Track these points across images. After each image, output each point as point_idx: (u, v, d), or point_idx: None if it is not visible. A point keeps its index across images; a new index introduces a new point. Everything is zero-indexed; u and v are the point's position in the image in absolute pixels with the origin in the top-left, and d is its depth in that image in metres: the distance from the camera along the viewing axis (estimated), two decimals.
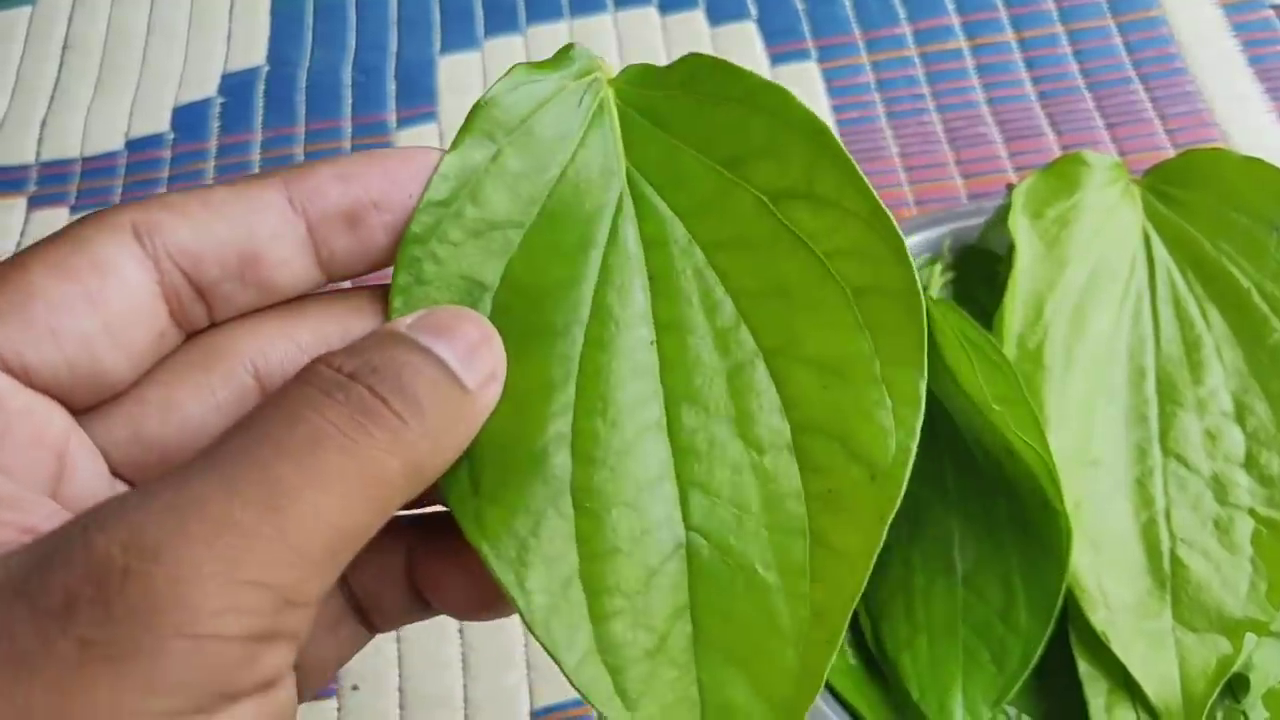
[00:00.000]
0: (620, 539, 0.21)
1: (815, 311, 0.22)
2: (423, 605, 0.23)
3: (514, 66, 0.24)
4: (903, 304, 0.22)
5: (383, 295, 0.23)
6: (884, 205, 0.22)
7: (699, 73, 0.24)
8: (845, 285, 0.22)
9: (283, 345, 0.22)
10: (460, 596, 0.23)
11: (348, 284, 0.24)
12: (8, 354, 0.19)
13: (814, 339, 0.22)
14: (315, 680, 0.23)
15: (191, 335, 0.22)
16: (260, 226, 0.21)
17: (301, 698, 0.23)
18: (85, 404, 0.21)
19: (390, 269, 0.23)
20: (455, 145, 0.23)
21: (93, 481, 0.21)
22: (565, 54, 0.24)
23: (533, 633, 0.21)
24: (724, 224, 0.23)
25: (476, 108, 0.23)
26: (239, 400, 0.21)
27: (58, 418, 0.20)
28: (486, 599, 0.22)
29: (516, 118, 0.23)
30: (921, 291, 0.22)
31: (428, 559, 0.23)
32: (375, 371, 0.19)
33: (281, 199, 0.22)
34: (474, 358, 0.20)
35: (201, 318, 0.22)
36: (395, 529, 0.23)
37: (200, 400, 0.21)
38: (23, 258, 0.20)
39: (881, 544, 0.21)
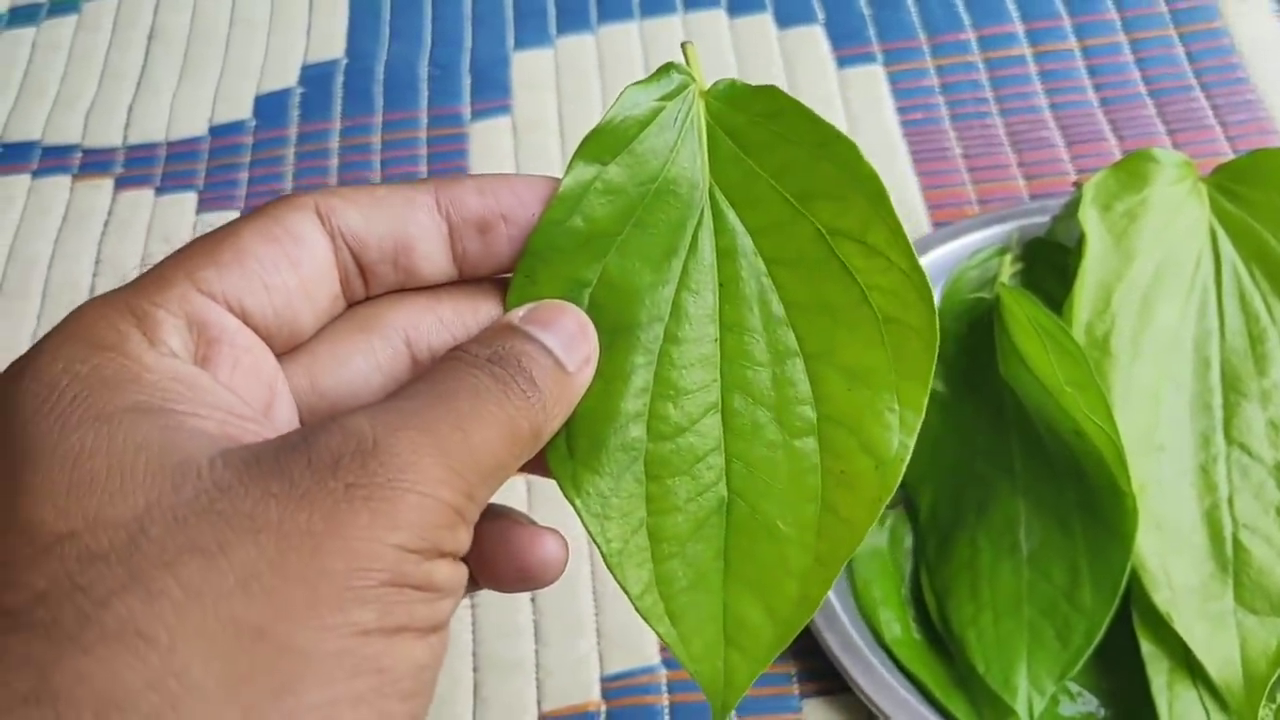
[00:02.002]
0: (679, 500, 0.27)
1: (851, 329, 0.27)
2: (470, 583, 0.27)
3: (625, 90, 0.27)
4: (922, 338, 0.26)
5: (504, 285, 0.27)
6: (921, 264, 0.26)
7: (783, 112, 0.27)
8: (878, 313, 0.26)
9: (428, 318, 0.26)
10: (503, 570, 0.27)
11: None
12: (232, 299, 0.24)
13: (847, 350, 0.27)
14: None
15: (350, 306, 0.26)
16: (413, 222, 0.26)
17: None
18: (281, 350, 0.25)
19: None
20: (570, 169, 0.27)
21: (289, 421, 0.24)
22: (665, 71, 0.28)
23: (609, 570, 0.26)
24: (787, 245, 0.27)
25: (590, 135, 0.27)
26: (394, 360, 0.26)
27: (269, 358, 0.24)
28: (524, 572, 0.27)
29: (622, 140, 0.27)
30: (938, 331, 0.26)
31: (479, 539, 0.27)
32: (502, 358, 0.24)
33: (431, 201, 0.26)
34: (573, 345, 0.25)
35: (359, 291, 0.26)
36: None
37: (364, 357, 0.25)
38: (233, 226, 0.24)
39: (877, 520, 0.27)
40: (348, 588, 0.20)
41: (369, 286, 0.26)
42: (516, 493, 0.47)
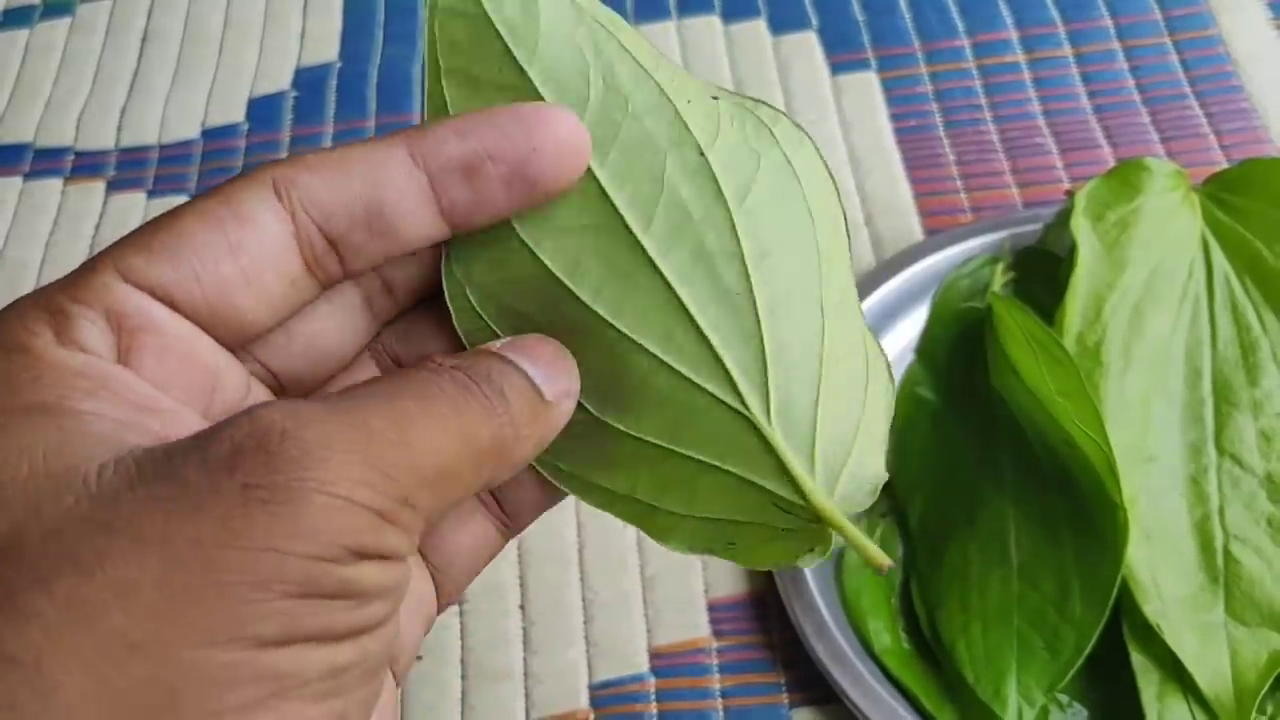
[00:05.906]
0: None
1: None
2: (551, 489, 0.27)
3: None
4: None
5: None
6: None
7: None
8: None
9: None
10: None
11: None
12: (158, 289, 0.22)
13: None
14: (451, 586, 0.27)
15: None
16: (386, 181, 0.23)
17: (442, 605, 0.26)
18: (229, 342, 0.23)
19: None
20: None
21: (242, 403, 0.23)
22: None
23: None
24: None
25: None
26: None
27: (209, 346, 0.23)
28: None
29: None
30: None
31: None
32: (470, 369, 0.23)
33: (404, 154, 0.23)
34: (552, 374, 0.24)
35: (335, 269, 0.24)
36: None
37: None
38: (179, 208, 0.23)
39: None
40: (243, 601, 0.18)
41: (346, 262, 0.24)
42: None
